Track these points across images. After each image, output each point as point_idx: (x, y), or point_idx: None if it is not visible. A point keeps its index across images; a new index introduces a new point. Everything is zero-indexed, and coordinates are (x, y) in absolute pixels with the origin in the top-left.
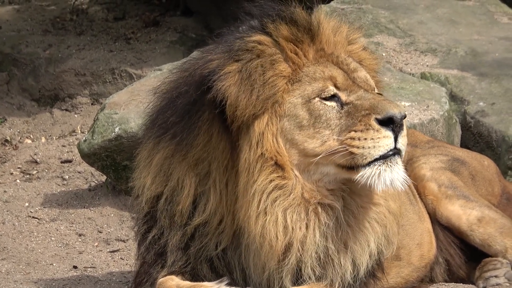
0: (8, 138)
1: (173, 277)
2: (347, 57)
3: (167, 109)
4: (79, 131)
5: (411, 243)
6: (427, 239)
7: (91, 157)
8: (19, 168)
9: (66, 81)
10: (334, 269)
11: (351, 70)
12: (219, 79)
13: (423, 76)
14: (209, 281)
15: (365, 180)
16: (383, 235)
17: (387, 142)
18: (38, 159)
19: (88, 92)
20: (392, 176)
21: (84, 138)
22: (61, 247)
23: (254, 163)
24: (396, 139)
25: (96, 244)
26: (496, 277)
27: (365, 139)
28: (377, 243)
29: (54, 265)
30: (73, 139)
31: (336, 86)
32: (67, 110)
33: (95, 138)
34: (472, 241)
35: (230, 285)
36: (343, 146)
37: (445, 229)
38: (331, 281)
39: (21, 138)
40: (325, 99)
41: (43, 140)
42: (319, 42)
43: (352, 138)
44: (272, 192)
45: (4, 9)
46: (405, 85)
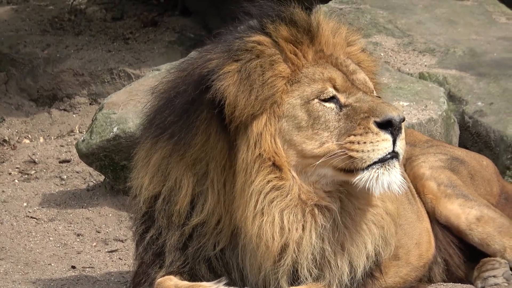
0: (6, 138)
1: (171, 277)
2: (346, 59)
3: (165, 108)
4: (77, 131)
5: (410, 242)
6: (426, 238)
7: (89, 157)
8: (17, 168)
9: (64, 81)
10: (331, 270)
11: (350, 72)
12: (218, 79)
13: (422, 76)
14: (207, 281)
15: (363, 183)
16: (381, 237)
17: (385, 145)
18: (36, 159)
19: (86, 92)
20: (390, 179)
21: (82, 138)
22: (59, 247)
23: (251, 164)
24: (394, 142)
25: (94, 244)
26: (494, 277)
27: (364, 143)
28: (375, 245)
29: (52, 265)
30: (71, 139)
31: (335, 87)
32: (65, 110)
33: (93, 138)
34: (471, 240)
35: (228, 285)
36: (342, 150)
37: (444, 229)
38: (329, 282)
39: (19, 138)
40: (324, 100)
41: (41, 140)
42: (319, 43)
43: (351, 142)
44: (269, 192)
45: (2, 9)
46: (403, 85)
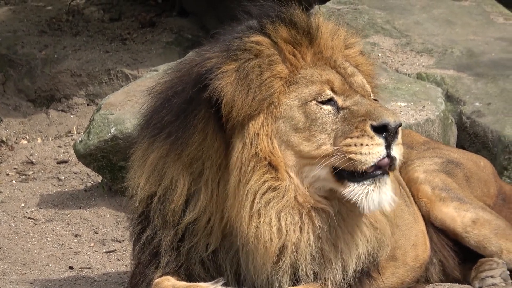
0: (4, 138)
1: (169, 277)
2: (344, 61)
3: (162, 108)
4: (75, 132)
5: (407, 243)
6: (422, 240)
7: (87, 157)
8: (15, 168)
9: (62, 82)
10: (326, 270)
11: (349, 74)
12: (216, 78)
13: (419, 76)
14: (204, 281)
15: (352, 197)
16: (375, 237)
17: (378, 149)
18: (34, 160)
19: (84, 92)
20: (380, 197)
21: (80, 138)
22: (57, 247)
23: (247, 162)
24: (389, 147)
25: (92, 244)
26: (492, 277)
27: (361, 145)
28: (366, 246)
29: (50, 265)
30: (69, 140)
31: (333, 90)
32: (63, 110)
33: (91, 138)
34: (467, 243)
35: (226, 285)
36: (340, 153)
37: (438, 231)
38: (324, 281)
39: (17, 138)
40: (322, 102)
41: (39, 140)
42: (317, 45)
43: (348, 145)
44: (266, 193)
45: (0, 10)
46: (401, 86)
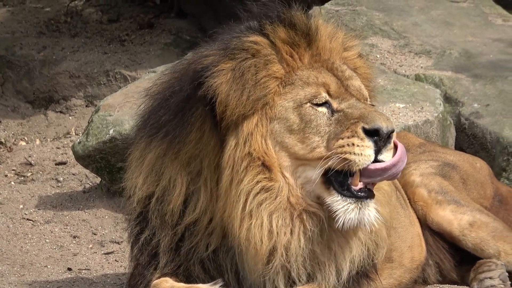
0: (2, 140)
1: (168, 278)
2: (342, 64)
3: (159, 108)
4: (74, 133)
5: (403, 245)
6: (417, 242)
7: (85, 159)
8: (13, 170)
9: (60, 83)
10: (321, 272)
11: (345, 77)
12: (211, 76)
13: (418, 77)
14: (202, 282)
15: (333, 208)
16: (370, 240)
17: (369, 152)
18: (32, 161)
19: (82, 94)
20: (359, 217)
21: (78, 140)
22: (55, 249)
23: (239, 161)
24: (379, 152)
25: (90, 246)
26: (490, 278)
27: (353, 145)
28: (361, 249)
29: (48, 267)
30: (68, 141)
31: (328, 93)
32: (61, 112)
33: (89, 140)
34: (464, 246)
35: (225, 286)
36: (337, 155)
37: (434, 234)
38: (319, 283)
39: (15, 140)
40: (317, 105)
41: (38, 142)
42: (316, 47)
43: (341, 145)
44: (258, 194)
45: None
46: (399, 87)
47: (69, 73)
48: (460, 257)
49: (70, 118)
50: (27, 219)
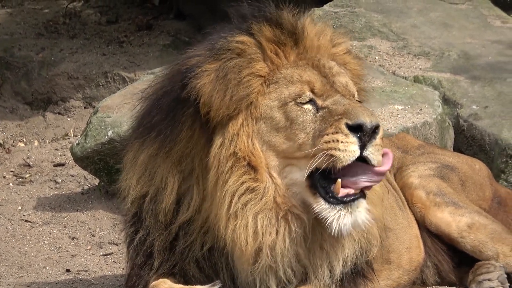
0: (1, 141)
1: (166, 280)
2: (330, 61)
3: (152, 109)
4: (72, 135)
5: (401, 247)
6: (416, 243)
7: (84, 160)
8: (12, 171)
9: (59, 85)
10: (314, 272)
11: (333, 74)
12: (195, 77)
13: (416, 79)
14: (198, 281)
15: (323, 217)
16: (363, 237)
17: (353, 148)
18: (31, 163)
19: (81, 95)
20: (353, 220)
21: (77, 141)
22: (54, 250)
23: (224, 161)
24: (364, 147)
25: (89, 247)
26: (489, 280)
27: (337, 141)
28: (354, 247)
29: (47, 268)
30: (66, 143)
31: (313, 91)
32: (60, 113)
33: (88, 141)
34: (463, 248)
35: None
36: (322, 152)
37: (432, 236)
38: (313, 282)
39: (14, 141)
40: (301, 103)
41: (36, 143)
42: (303, 46)
43: (326, 142)
44: (243, 194)
45: None
46: (398, 89)
47: (67, 75)
48: (458, 259)
49: (68, 119)
50: (26, 221)
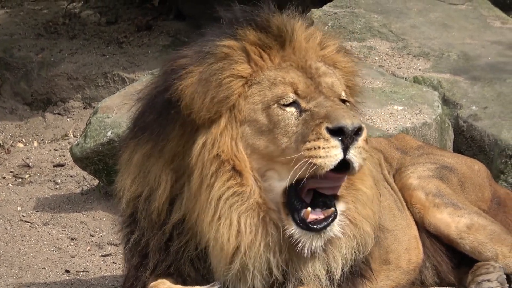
0: (0, 142)
1: (165, 280)
2: (317, 62)
3: (146, 108)
4: (72, 135)
5: (400, 247)
6: (414, 244)
7: (83, 161)
8: (11, 172)
9: (58, 85)
10: (306, 275)
11: (319, 74)
12: (179, 78)
13: (416, 80)
14: (194, 281)
15: (296, 239)
16: (359, 234)
17: (335, 152)
18: (30, 163)
19: (80, 96)
20: (323, 241)
21: (76, 142)
22: (53, 251)
23: (208, 164)
24: (347, 150)
25: (88, 248)
26: (488, 281)
27: (318, 148)
28: (351, 244)
29: (46, 269)
30: (66, 143)
31: (296, 92)
32: (59, 114)
33: (87, 142)
34: (462, 249)
35: None
36: (304, 160)
37: (431, 237)
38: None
39: (13, 142)
40: (284, 105)
41: (36, 144)
42: (292, 48)
43: (308, 149)
44: (230, 198)
45: None
46: (397, 89)
47: (67, 75)
48: (457, 260)
49: (68, 120)
50: (25, 221)
